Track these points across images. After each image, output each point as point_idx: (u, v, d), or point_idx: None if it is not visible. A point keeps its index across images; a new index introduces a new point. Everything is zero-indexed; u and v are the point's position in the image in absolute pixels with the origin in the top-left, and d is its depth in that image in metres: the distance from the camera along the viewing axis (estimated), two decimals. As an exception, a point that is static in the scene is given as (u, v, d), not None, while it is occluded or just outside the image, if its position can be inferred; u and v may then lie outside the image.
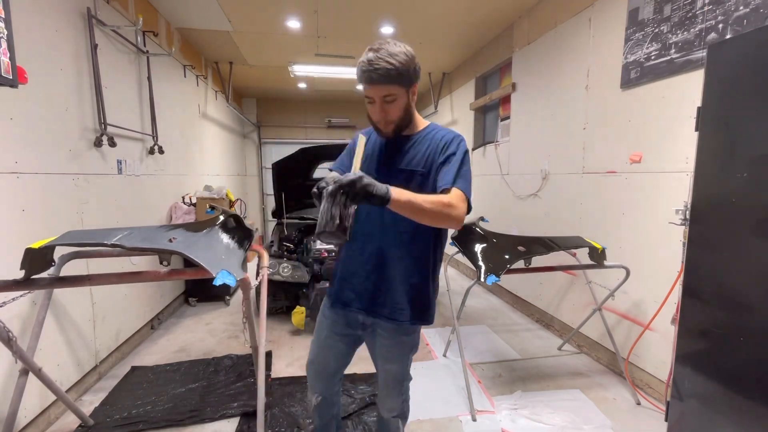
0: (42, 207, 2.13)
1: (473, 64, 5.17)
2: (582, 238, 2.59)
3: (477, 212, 4.76)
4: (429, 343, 3.25)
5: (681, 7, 2.22)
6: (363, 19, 4.03)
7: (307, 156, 4.10)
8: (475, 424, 2.20)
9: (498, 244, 2.49)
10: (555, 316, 3.48)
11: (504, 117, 4.50)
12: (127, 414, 2.25)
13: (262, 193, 8.29)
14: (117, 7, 2.95)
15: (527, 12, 3.81)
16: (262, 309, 1.96)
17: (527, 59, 3.86)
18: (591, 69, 2.96)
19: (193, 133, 4.63)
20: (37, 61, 2.12)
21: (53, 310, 2.21)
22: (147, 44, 3.43)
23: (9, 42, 1.25)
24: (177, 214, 3.84)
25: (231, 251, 1.68)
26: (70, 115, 2.38)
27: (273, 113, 8.07)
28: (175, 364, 2.86)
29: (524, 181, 3.90)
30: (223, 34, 4.43)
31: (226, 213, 2.02)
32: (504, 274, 2.22)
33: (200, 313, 3.96)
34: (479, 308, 4.15)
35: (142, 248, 1.41)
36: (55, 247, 1.41)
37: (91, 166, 2.57)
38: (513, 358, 3.01)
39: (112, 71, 2.87)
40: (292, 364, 2.90)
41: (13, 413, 1.76)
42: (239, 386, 2.55)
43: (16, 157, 1.95)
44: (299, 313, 3.36)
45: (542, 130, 3.60)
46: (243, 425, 2.18)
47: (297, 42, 4.68)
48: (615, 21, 2.71)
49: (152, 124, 3.45)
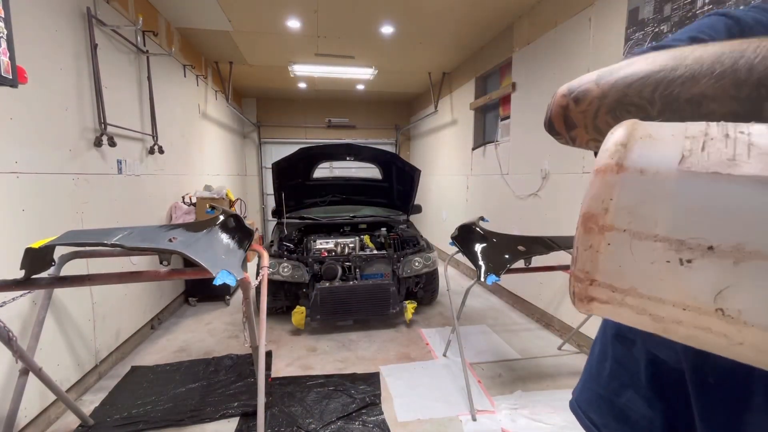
0: (42, 207, 2.13)
1: (473, 64, 5.17)
2: (582, 237, 2.59)
3: (477, 212, 4.76)
4: (429, 343, 3.25)
5: (681, 7, 2.22)
6: (363, 19, 4.03)
7: (307, 156, 4.11)
8: (475, 424, 2.20)
9: (498, 243, 2.50)
10: (555, 315, 3.48)
11: (504, 117, 4.49)
12: (127, 414, 2.25)
13: (262, 193, 8.29)
14: (117, 6, 2.95)
15: (527, 12, 3.81)
16: (262, 309, 1.96)
17: (527, 59, 3.86)
18: (591, 69, 2.93)
19: (193, 133, 4.63)
20: (37, 61, 2.12)
21: (53, 310, 2.22)
22: (147, 44, 3.43)
23: (9, 42, 1.25)
24: (177, 214, 3.84)
25: (231, 251, 1.68)
26: (70, 115, 2.38)
27: (273, 113, 8.07)
28: (175, 363, 2.86)
29: (524, 181, 3.90)
30: (223, 34, 4.43)
31: (226, 213, 2.02)
32: (504, 273, 2.22)
33: (200, 313, 3.96)
34: (479, 308, 4.15)
35: (142, 248, 1.41)
36: (55, 247, 1.41)
37: (91, 166, 2.57)
38: (513, 357, 3.01)
39: (112, 71, 2.87)
40: (292, 364, 2.90)
41: (13, 413, 1.76)
42: (239, 386, 2.55)
43: (16, 157, 1.95)
44: (299, 313, 3.36)
45: (542, 130, 3.58)
46: (243, 425, 2.18)
47: (297, 42, 4.68)
48: (615, 21, 2.71)
49: (152, 124, 3.45)
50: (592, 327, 2.94)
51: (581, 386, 0.74)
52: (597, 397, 0.68)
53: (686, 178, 0.33)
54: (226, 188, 4.26)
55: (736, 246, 0.31)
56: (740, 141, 0.33)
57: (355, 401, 2.39)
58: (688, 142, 0.34)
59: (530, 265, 2.48)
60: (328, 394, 2.47)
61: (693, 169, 0.33)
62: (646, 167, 0.35)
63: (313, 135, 8.28)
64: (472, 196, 5.23)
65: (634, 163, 0.35)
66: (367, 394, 2.46)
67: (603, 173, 0.36)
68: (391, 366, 2.86)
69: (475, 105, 5.08)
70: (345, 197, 4.80)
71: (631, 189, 0.35)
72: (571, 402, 0.75)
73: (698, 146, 0.34)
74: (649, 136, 0.36)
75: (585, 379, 0.74)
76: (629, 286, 0.35)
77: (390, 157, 4.40)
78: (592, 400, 0.69)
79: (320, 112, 8.25)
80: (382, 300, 3.43)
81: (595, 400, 0.68)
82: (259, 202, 8.26)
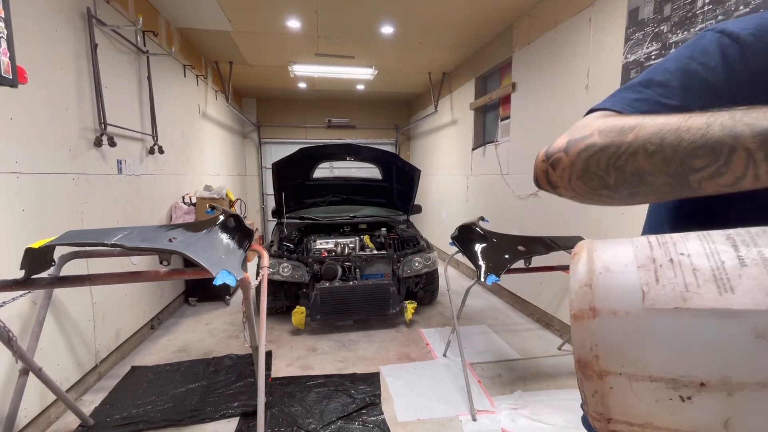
0: (42, 207, 2.13)
1: (473, 64, 5.17)
2: (582, 237, 2.59)
3: (477, 212, 4.76)
4: (429, 343, 3.25)
5: (681, 7, 2.22)
6: (363, 19, 4.03)
7: (307, 156, 4.11)
8: (475, 424, 2.20)
9: (498, 243, 2.50)
10: (555, 315, 3.48)
11: (504, 117, 4.49)
12: (127, 414, 2.25)
13: (262, 193, 8.29)
14: (117, 6, 2.95)
15: (527, 12, 3.81)
16: (262, 309, 1.96)
17: (527, 59, 3.86)
18: (591, 69, 2.96)
19: (193, 133, 4.63)
20: (37, 61, 2.12)
21: (53, 310, 2.22)
22: (147, 44, 3.43)
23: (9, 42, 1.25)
24: (177, 214, 3.84)
25: (231, 251, 1.68)
26: (70, 115, 2.38)
27: (273, 113, 8.07)
28: (175, 363, 2.86)
29: (524, 181, 3.90)
30: (223, 34, 4.43)
31: (226, 213, 2.02)
32: (504, 273, 2.22)
33: (200, 313, 3.96)
34: (479, 308, 4.15)
35: (142, 248, 1.41)
36: (55, 247, 1.41)
37: (91, 166, 2.57)
38: (513, 357, 3.01)
39: (112, 71, 2.87)
40: (292, 364, 2.90)
41: (13, 413, 1.76)
42: (239, 386, 2.55)
43: (16, 157, 1.95)
44: (299, 313, 3.36)
45: (542, 130, 3.60)
46: (243, 425, 2.18)
47: (297, 42, 4.68)
48: (615, 21, 2.71)
49: (152, 124, 3.45)
50: (592, 327, 2.94)
51: None
52: None
53: (654, 316, 0.34)
54: (226, 188, 4.26)
55: (722, 380, 0.32)
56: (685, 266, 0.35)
57: (355, 401, 2.39)
58: (642, 273, 0.37)
59: (530, 265, 2.48)
60: (328, 394, 2.47)
61: (656, 306, 0.35)
62: (616, 308, 0.36)
63: (313, 135, 8.28)
64: (472, 196, 5.23)
65: (604, 304, 0.37)
66: (367, 394, 2.46)
67: (581, 319, 0.38)
68: (391, 366, 2.86)
69: (475, 105, 5.08)
70: (345, 197, 4.80)
71: (611, 332, 0.36)
72: (584, 417, 0.75)
73: (652, 277, 0.36)
74: (607, 269, 0.38)
75: None
76: (644, 421, 0.36)
77: (390, 157, 4.40)
78: None
79: (320, 112, 8.25)
80: (382, 300, 3.43)
81: None
82: (259, 202, 8.26)
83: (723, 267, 0.34)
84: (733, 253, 0.35)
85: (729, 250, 0.35)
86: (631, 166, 0.44)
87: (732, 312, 0.32)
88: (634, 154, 0.43)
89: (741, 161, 0.37)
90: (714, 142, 0.38)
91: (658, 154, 0.41)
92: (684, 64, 0.51)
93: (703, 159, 0.39)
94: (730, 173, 0.38)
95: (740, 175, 0.38)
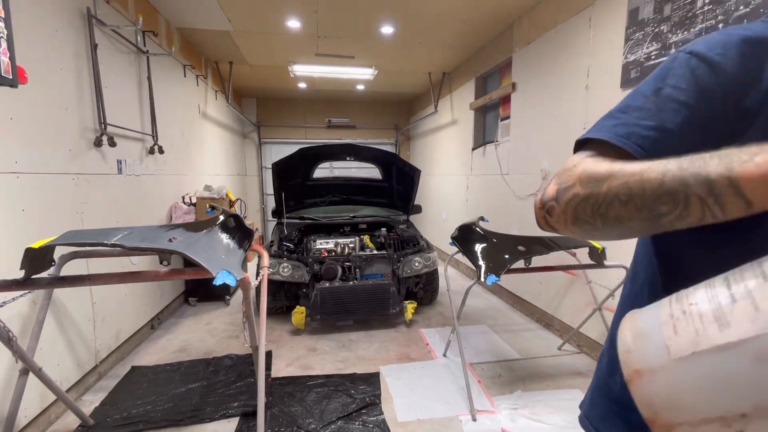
0: (42, 207, 2.13)
1: (473, 64, 5.17)
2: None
3: (477, 212, 4.76)
4: (429, 343, 3.25)
5: (681, 7, 2.22)
6: (363, 19, 4.03)
7: (307, 156, 4.11)
8: (475, 424, 2.20)
9: (498, 243, 2.50)
10: (555, 315, 3.48)
11: (504, 117, 4.49)
12: (127, 414, 2.25)
13: (262, 193, 8.29)
14: (117, 6, 2.95)
15: (527, 12, 3.81)
16: (262, 309, 1.96)
17: (527, 59, 3.86)
18: (591, 69, 2.96)
19: (193, 133, 4.63)
20: (37, 61, 2.12)
21: (53, 310, 2.22)
22: (147, 44, 3.43)
23: (9, 42, 1.25)
24: (177, 214, 3.84)
25: (231, 251, 1.68)
26: (70, 115, 2.38)
27: (273, 113, 8.07)
28: (175, 363, 2.86)
29: (524, 181, 3.90)
30: (223, 34, 4.43)
31: (226, 213, 2.02)
32: (504, 273, 2.22)
33: (200, 313, 3.96)
34: (479, 308, 4.14)
35: (142, 248, 1.41)
36: (55, 247, 1.42)
37: (91, 166, 2.57)
38: (513, 357, 3.01)
39: (112, 71, 2.87)
40: (292, 364, 2.90)
41: (13, 413, 1.76)
42: (239, 386, 2.55)
43: (16, 157, 1.95)
44: (299, 313, 3.36)
45: (542, 130, 3.60)
46: (243, 425, 2.18)
47: (297, 42, 4.68)
48: (615, 21, 2.71)
49: (152, 124, 3.45)
50: (593, 327, 2.94)
51: (590, 400, 0.74)
52: (610, 413, 0.69)
53: (681, 365, 0.38)
54: (226, 188, 4.27)
55: (756, 408, 0.35)
56: (694, 314, 0.39)
57: (355, 401, 2.39)
58: (665, 329, 0.41)
59: (530, 265, 2.47)
60: (328, 394, 2.47)
61: (680, 355, 0.38)
62: (653, 366, 0.40)
63: (313, 135, 8.28)
64: (472, 196, 5.23)
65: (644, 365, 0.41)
66: (367, 394, 2.46)
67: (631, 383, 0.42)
68: (391, 366, 2.86)
69: (475, 105, 5.08)
70: (345, 197, 4.80)
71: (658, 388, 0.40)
72: (581, 417, 0.75)
73: (672, 331, 0.40)
74: (641, 334, 0.43)
75: (593, 392, 0.74)
76: None
77: (390, 157, 4.40)
78: (605, 416, 0.69)
79: (320, 112, 8.25)
80: (382, 300, 3.43)
81: (608, 417, 0.69)
82: (259, 202, 8.26)
83: (720, 307, 0.38)
84: (727, 293, 0.38)
85: (725, 291, 0.39)
86: (611, 213, 0.48)
87: (732, 344, 0.35)
88: (610, 204, 0.48)
89: (697, 207, 0.42)
90: (671, 191, 0.43)
91: (630, 203, 0.46)
92: (656, 87, 0.55)
93: (667, 206, 0.43)
94: (692, 216, 0.43)
95: (701, 217, 0.42)
